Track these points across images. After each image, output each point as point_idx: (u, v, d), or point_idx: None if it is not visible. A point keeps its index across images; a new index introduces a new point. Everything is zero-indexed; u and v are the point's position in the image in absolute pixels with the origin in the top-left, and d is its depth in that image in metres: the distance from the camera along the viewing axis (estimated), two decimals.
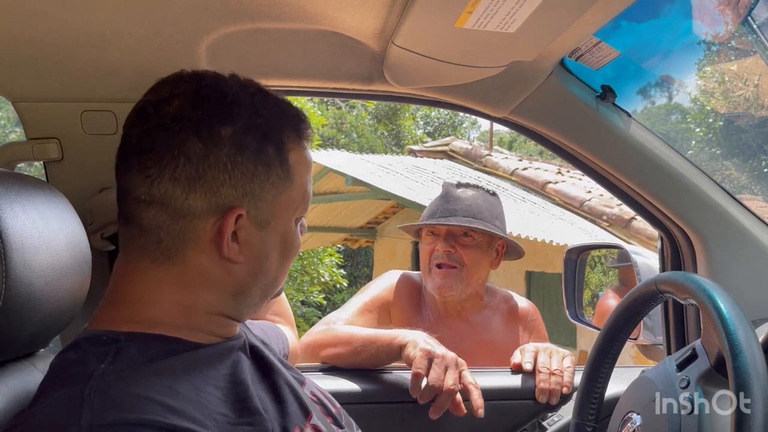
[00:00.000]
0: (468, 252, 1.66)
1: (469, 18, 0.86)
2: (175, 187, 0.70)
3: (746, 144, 9.08)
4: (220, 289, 0.75)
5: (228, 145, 0.71)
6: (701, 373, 0.89)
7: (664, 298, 0.96)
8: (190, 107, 0.72)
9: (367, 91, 1.20)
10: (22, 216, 0.69)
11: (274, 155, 0.74)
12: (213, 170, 0.71)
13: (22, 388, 0.72)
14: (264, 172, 0.73)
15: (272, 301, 1.21)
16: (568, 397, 1.29)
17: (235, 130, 0.72)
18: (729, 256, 1.26)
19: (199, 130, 0.71)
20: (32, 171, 5.86)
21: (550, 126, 1.23)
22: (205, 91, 0.74)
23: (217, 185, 0.71)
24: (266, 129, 0.74)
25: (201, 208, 0.71)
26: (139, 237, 0.73)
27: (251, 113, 0.74)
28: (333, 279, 9.63)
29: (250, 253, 0.74)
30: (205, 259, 0.73)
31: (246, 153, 0.72)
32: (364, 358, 1.33)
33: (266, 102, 0.76)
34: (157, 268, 0.73)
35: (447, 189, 1.74)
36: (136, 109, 0.74)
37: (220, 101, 0.73)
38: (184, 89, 0.74)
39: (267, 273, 0.77)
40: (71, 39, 1.00)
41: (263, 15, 1.00)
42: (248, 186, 0.72)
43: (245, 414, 0.69)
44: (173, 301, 0.73)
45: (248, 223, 0.73)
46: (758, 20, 1.40)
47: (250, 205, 0.73)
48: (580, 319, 1.61)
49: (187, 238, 0.72)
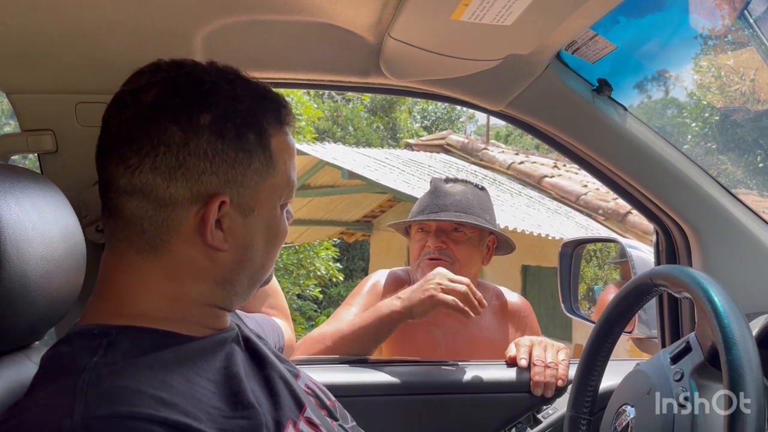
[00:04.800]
0: (459, 247, 1.65)
1: (465, 10, 0.86)
2: (156, 176, 0.70)
3: (742, 138, 9.10)
4: (207, 278, 0.74)
5: (208, 132, 0.71)
6: (695, 366, 0.90)
7: (658, 291, 0.97)
8: (168, 95, 0.72)
9: (363, 84, 1.20)
10: (16, 208, 0.69)
11: (255, 141, 0.74)
12: (193, 158, 0.70)
13: (16, 380, 0.72)
14: (245, 159, 0.73)
15: (268, 295, 1.22)
16: (563, 390, 1.29)
17: (214, 117, 0.71)
18: (724, 250, 1.26)
19: (177, 118, 0.70)
20: (27, 163, 5.84)
21: (546, 119, 1.23)
22: (183, 78, 0.73)
23: (199, 173, 0.70)
24: (246, 115, 0.74)
25: (183, 196, 0.70)
26: (123, 229, 0.72)
27: (230, 99, 0.73)
28: (329, 273, 9.62)
29: (235, 240, 0.74)
30: (189, 248, 0.72)
31: (226, 140, 0.72)
32: (369, 337, 1.41)
33: (246, 89, 0.76)
34: (143, 260, 0.72)
35: (436, 184, 1.73)
36: (114, 100, 0.74)
37: (198, 88, 0.73)
38: (162, 77, 0.73)
39: (253, 260, 0.77)
40: (66, 30, 0.99)
41: (259, 6, 0.99)
42: (230, 173, 0.72)
43: (239, 407, 0.69)
44: (162, 293, 0.73)
45: (232, 210, 0.73)
46: (754, 14, 1.40)
47: (232, 192, 0.72)
48: (576, 312, 1.62)
49: (171, 227, 0.71)
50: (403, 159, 8.37)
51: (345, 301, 1.74)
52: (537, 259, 6.65)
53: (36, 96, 1.09)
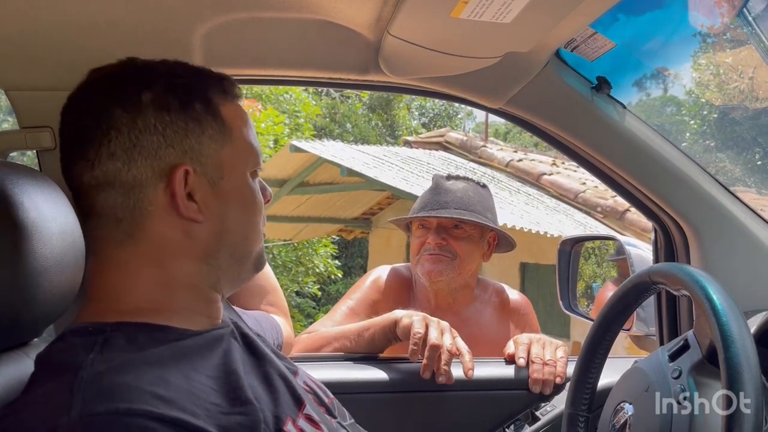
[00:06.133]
0: (460, 244, 1.66)
1: (465, 8, 0.86)
2: (115, 161, 0.72)
3: (740, 136, 9.10)
4: (189, 255, 0.75)
5: (152, 107, 0.73)
6: (693, 364, 0.90)
7: (657, 289, 0.97)
8: (108, 83, 0.75)
9: (362, 81, 1.20)
10: (14, 205, 0.68)
11: (202, 111, 0.76)
12: (145, 135, 0.72)
13: (14, 377, 0.72)
14: (197, 128, 0.75)
15: (267, 292, 1.22)
16: (562, 388, 1.30)
17: (155, 93, 0.74)
18: (722, 248, 1.26)
19: (120, 102, 0.73)
20: (25, 160, 5.83)
21: (545, 117, 1.23)
22: (121, 69, 0.77)
23: (154, 148, 0.72)
24: (187, 88, 0.76)
25: (146, 175, 0.72)
26: (99, 226, 0.74)
27: (169, 76, 0.76)
28: (327, 270, 9.63)
29: (209, 211, 0.75)
30: (165, 227, 0.73)
31: (172, 112, 0.74)
32: (361, 346, 1.35)
33: (184, 68, 0.79)
34: (124, 251, 0.73)
35: (438, 181, 1.73)
36: (63, 109, 0.77)
37: (136, 72, 0.76)
38: (102, 71, 0.77)
39: (231, 231, 0.77)
40: (65, 27, 0.99)
41: (258, 4, 0.99)
42: (185, 142, 0.74)
43: (237, 403, 0.69)
44: (149, 282, 0.73)
45: (198, 180, 0.74)
46: (753, 12, 1.40)
47: (193, 162, 0.74)
48: (574, 310, 1.62)
49: (143, 209, 0.72)
50: (401, 156, 8.36)
51: (345, 295, 1.74)
52: (535, 256, 6.65)
53: (34, 93, 1.09)
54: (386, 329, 1.32)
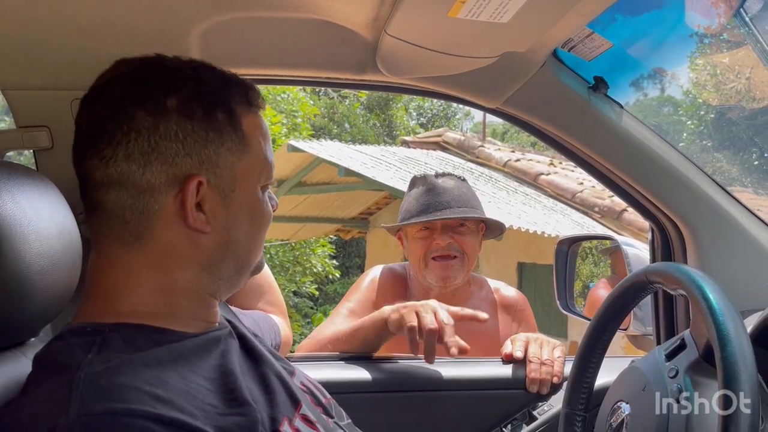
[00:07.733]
0: (465, 240, 1.68)
1: (462, 8, 0.86)
2: (131, 163, 0.70)
3: (737, 136, 9.11)
4: (193, 263, 0.74)
5: (176, 114, 0.71)
6: (690, 363, 0.90)
7: (654, 288, 0.97)
8: (133, 84, 0.73)
9: (360, 81, 1.20)
10: (11, 205, 0.68)
11: (224, 121, 0.74)
12: (165, 141, 0.71)
13: (11, 377, 0.71)
14: (217, 139, 0.73)
15: (264, 292, 1.22)
16: (559, 387, 1.30)
17: (180, 100, 0.72)
18: (719, 248, 1.27)
19: (144, 104, 0.71)
20: (22, 160, 5.81)
21: (542, 117, 1.23)
22: (146, 68, 0.75)
23: (172, 155, 0.71)
24: (213, 96, 0.74)
25: (160, 181, 0.71)
26: (106, 223, 0.73)
27: (196, 82, 0.74)
28: (325, 270, 9.61)
29: (217, 222, 0.74)
30: (172, 234, 0.72)
31: (195, 120, 0.72)
32: (356, 346, 1.36)
33: (211, 73, 0.77)
34: (128, 252, 0.73)
35: (430, 181, 1.73)
36: (83, 99, 0.75)
37: (163, 74, 0.74)
38: (125, 70, 0.75)
39: (237, 243, 0.77)
40: (62, 27, 0.99)
41: (256, 3, 0.99)
42: (203, 153, 0.73)
43: (234, 404, 0.69)
44: (150, 285, 0.73)
45: (210, 191, 0.73)
46: (750, 13, 1.41)
47: (208, 173, 0.73)
48: (571, 309, 1.62)
49: (152, 213, 0.72)
50: (399, 156, 8.36)
51: (344, 297, 1.74)
52: (533, 256, 6.65)
53: (31, 92, 1.09)
54: (377, 327, 1.33)
